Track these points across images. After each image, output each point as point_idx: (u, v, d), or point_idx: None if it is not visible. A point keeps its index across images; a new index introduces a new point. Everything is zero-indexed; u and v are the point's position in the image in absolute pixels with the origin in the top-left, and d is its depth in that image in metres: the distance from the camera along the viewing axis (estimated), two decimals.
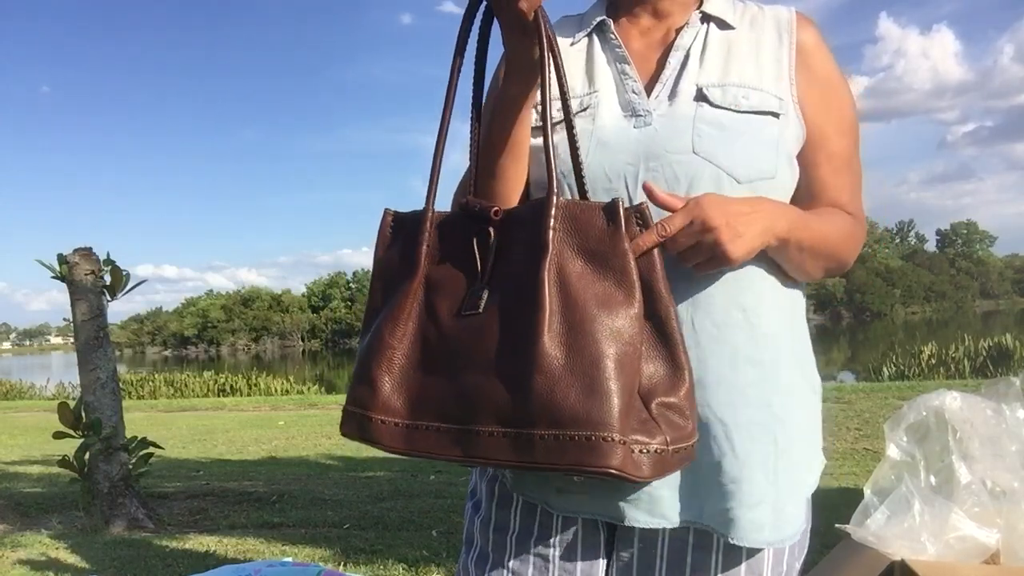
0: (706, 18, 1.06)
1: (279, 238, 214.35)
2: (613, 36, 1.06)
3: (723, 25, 1.05)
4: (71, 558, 4.01)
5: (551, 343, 0.83)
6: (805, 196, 1.03)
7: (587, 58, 1.07)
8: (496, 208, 0.92)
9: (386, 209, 1.02)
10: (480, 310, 0.89)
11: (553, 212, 0.88)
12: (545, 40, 0.92)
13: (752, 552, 0.99)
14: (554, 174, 0.89)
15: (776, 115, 0.99)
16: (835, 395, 9.11)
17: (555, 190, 0.89)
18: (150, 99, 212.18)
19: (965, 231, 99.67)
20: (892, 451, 1.09)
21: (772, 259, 1.00)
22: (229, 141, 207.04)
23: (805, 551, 1.06)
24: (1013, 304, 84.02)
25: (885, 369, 14.22)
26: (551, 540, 1.01)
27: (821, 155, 1.03)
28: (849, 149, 1.06)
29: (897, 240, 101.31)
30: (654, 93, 1.01)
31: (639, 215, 0.88)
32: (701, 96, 0.99)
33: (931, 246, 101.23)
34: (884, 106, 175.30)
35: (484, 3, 0.96)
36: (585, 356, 0.83)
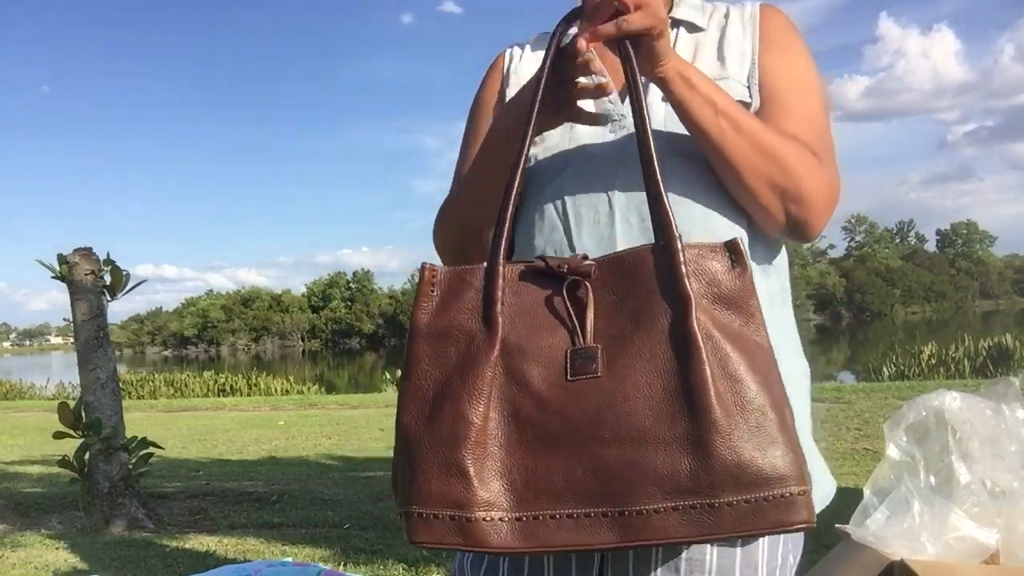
0: (676, 23, 1.09)
1: (279, 238, 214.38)
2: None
3: (692, 28, 1.08)
4: (71, 558, 4.01)
5: (720, 401, 0.76)
6: None
7: None
8: (593, 264, 0.84)
9: (424, 264, 0.88)
10: (598, 374, 0.80)
11: (684, 259, 0.81)
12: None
13: (747, 542, 0.98)
14: (671, 219, 0.83)
15: (745, 104, 1.01)
16: (835, 395, 9.12)
17: (676, 233, 0.83)
18: (150, 98, 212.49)
19: (965, 231, 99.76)
20: (891, 451, 1.09)
21: (758, 250, 1.00)
22: (229, 141, 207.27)
23: (801, 548, 1.06)
24: (1013, 304, 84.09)
25: (885, 369, 14.24)
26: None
27: (775, 107, 1.02)
28: (808, 107, 1.03)
29: (897, 240, 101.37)
30: (627, 101, 1.02)
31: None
32: None
33: (931, 246, 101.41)
34: (884, 106, 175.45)
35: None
36: (754, 409, 0.76)
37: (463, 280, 0.87)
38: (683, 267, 0.81)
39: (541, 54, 1.11)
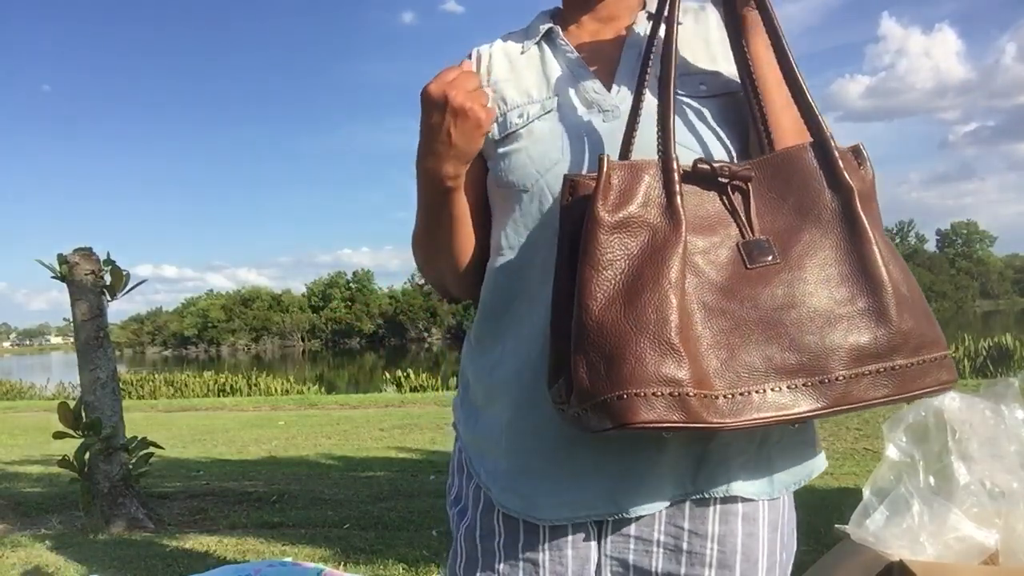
0: (651, 17, 1.07)
1: (279, 238, 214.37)
2: (563, 42, 1.09)
3: None
4: (71, 558, 4.01)
5: (889, 275, 0.85)
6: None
7: (540, 65, 1.09)
8: (752, 167, 0.91)
9: (601, 155, 0.89)
10: (777, 260, 0.87)
11: (839, 154, 0.89)
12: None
13: (748, 505, 0.98)
14: (822, 119, 0.91)
15: (735, 94, 1.01)
16: None
17: (828, 131, 0.90)
18: (150, 98, 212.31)
19: (965, 231, 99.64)
20: (891, 452, 1.09)
21: None
22: (229, 140, 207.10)
23: (795, 547, 1.05)
24: (1013, 304, 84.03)
25: None
26: (539, 545, 1.01)
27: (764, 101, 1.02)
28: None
29: (897, 240, 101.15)
30: (613, 90, 1.03)
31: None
32: None
33: (931, 246, 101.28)
34: (886, 105, 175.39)
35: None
36: (909, 282, 0.86)
37: (637, 174, 0.89)
38: (840, 161, 0.89)
39: (512, 49, 1.12)
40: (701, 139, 0.98)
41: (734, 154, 0.99)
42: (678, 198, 0.87)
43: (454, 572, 1.08)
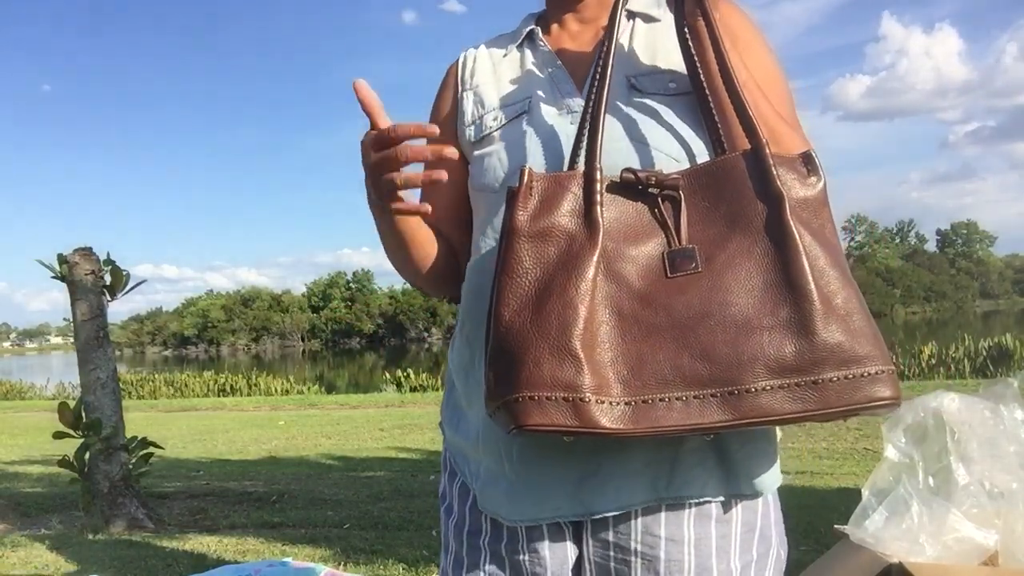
0: (631, 15, 1.09)
1: (279, 238, 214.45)
2: (542, 43, 1.11)
3: (648, 19, 1.09)
4: (71, 558, 4.01)
5: (817, 285, 0.82)
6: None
7: (520, 67, 1.11)
8: (680, 176, 0.90)
9: (523, 166, 0.92)
10: (699, 269, 0.85)
11: (773, 161, 0.87)
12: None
13: (719, 507, 0.98)
14: (758, 126, 0.89)
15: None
16: None
17: (764, 138, 0.88)
18: (151, 98, 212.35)
19: (965, 231, 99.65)
20: (890, 452, 1.09)
21: None
22: (229, 140, 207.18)
23: (785, 545, 1.04)
24: (1013, 304, 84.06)
25: None
26: (518, 544, 1.02)
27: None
28: (781, 99, 1.04)
29: (897, 240, 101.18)
30: (585, 92, 1.03)
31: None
32: (631, 86, 1.02)
33: (931, 246, 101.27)
34: (886, 105, 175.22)
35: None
36: (846, 294, 0.82)
37: (560, 184, 0.90)
38: (773, 168, 0.87)
39: (496, 52, 1.15)
40: (654, 138, 0.99)
41: (695, 152, 0.99)
42: (597, 208, 0.88)
43: (445, 570, 1.09)
